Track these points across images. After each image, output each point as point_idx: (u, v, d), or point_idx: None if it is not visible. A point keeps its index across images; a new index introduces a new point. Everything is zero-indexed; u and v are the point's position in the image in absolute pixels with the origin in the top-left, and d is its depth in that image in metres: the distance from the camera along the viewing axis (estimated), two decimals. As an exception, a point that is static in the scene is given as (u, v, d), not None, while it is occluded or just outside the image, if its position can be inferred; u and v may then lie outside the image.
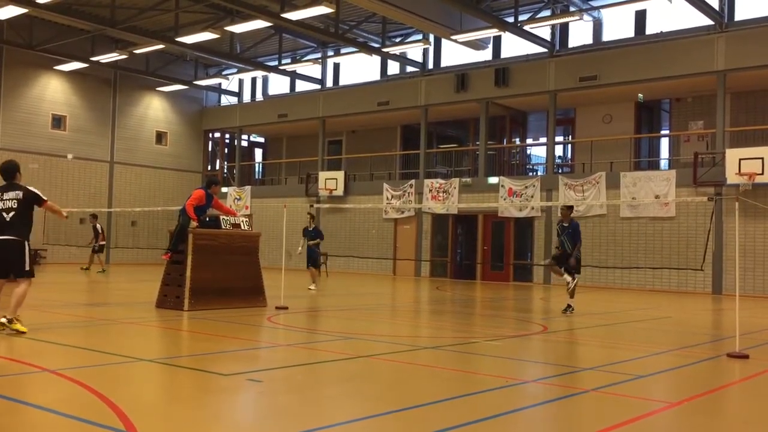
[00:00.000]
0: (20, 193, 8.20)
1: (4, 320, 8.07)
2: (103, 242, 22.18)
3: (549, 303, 15.73)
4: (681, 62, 20.43)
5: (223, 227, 12.00)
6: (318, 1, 18.98)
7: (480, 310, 14.56)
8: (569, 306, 12.78)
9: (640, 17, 22.48)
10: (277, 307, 11.86)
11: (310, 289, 16.52)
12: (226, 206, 12.62)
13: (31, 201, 8.26)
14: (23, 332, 8.01)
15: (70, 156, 24.59)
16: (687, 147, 22.09)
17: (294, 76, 29.67)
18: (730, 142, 20.49)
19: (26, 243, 8.15)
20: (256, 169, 34.67)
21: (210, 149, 33.69)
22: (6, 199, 8.18)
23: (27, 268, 8.19)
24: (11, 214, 8.10)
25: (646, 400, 5.87)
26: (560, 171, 24.68)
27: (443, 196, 24.38)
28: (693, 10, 19.52)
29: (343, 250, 25.64)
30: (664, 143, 24.47)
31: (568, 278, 12.69)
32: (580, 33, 23.64)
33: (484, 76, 24.27)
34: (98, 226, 21.93)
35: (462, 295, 18.25)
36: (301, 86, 30.77)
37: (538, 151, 27.97)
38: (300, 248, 17.20)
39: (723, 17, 20.27)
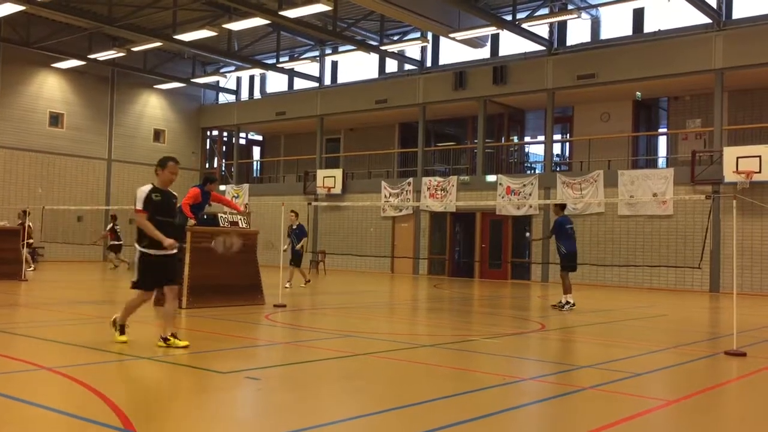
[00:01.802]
0: None
1: (161, 342, 7.43)
2: (115, 242, 22.66)
3: (547, 301, 15.73)
4: (679, 60, 20.44)
5: (221, 225, 11.99)
6: (316, -2, 18.95)
7: (478, 308, 14.57)
8: (568, 302, 12.90)
9: (638, 15, 22.49)
10: (275, 305, 11.85)
11: (286, 287, 15.97)
12: (228, 199, 12.49)
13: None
14: (122, 341, 7.52)
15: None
16: (685, 145, 22.11)
17: (292, 73, 29.65)
18: (728, 140, 20.51)
19: (138, 250, 7.45)
20: (254, 167, 34.64)
21: (208, 147, 33.67)
22: None
23: (134, 278, 7.51)
24: None
25: (644, 398, 5.88)
26: (558, 169, 24.69)
27: (441, 194, 24.38)
28: (691, 8, 19.53)
29: (341, 248, 25.64)
30: (662, 141, 24.50)
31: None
32: (578, 31, 23.66)
33: (482, 74, 24.26)
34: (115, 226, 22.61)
35: (460, 293, 18.26)
36: (299, 84, 30.76)
37: (536, 150, 27.97)
38: (285, 247, 16.44)
39: (721, 15, 20.28)
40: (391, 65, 28.03)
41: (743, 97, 21.39)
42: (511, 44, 24.49)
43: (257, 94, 32.59)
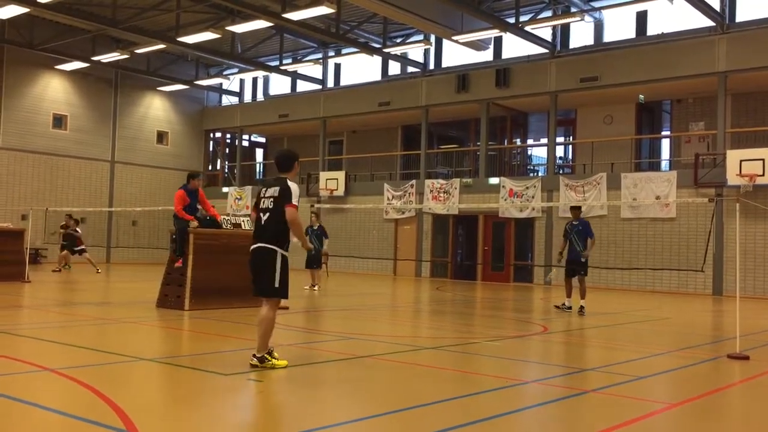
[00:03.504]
0: (277, 189, 6.56)
1: (254, 361, 6.52)
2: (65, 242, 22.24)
3: (549, 303, 15.72)
4: (682, 63, 20.42)
5: (224, 227, 12.00)
6: (319, 1, 18.99)
7: (480, 311, 14.56)
8: (582, 306, 12.93)
9: (642, 18, 22.48)
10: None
11: (313, 289, 16.58)
12: (210, 205, 12.30)
13: (281, 198, 6.52)
14: (282, 366, 6.55)
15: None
16: (688, 148, 22.09)
17: (295, 76, 29.68)
18: (731, 143, 20.49)
19: (279, 253, 6.54)
20: (257, 169, 34.67)
21: (211, 149, 33.71)
22: (266, 197, 6.65)
23: (277, 284, 6.57)
24: (266, 216, 6.58)
25: (647, 401, 5.87)
26: (561, 172, 24.67)
27: (444, 197, 24.38)
28: (694, 11, 19.51)
29: (343, 251, 25.63)
30: (665, 144, 24.46)
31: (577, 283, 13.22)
32: (581, 34, 23.65)
33: (485, 76, 24.27)
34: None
35: (462, 295, 18.25)
36: (302, 86, 30.78)
37: (538, 152, 27.97)
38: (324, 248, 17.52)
39: (724, 18, 20.26)
40: (394, 68, 28.04)
41: (747, 100, 21.36)
42: (514, 47, 24.49)
43: (260, 97, 32.61)
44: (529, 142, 27.59)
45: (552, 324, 11.45)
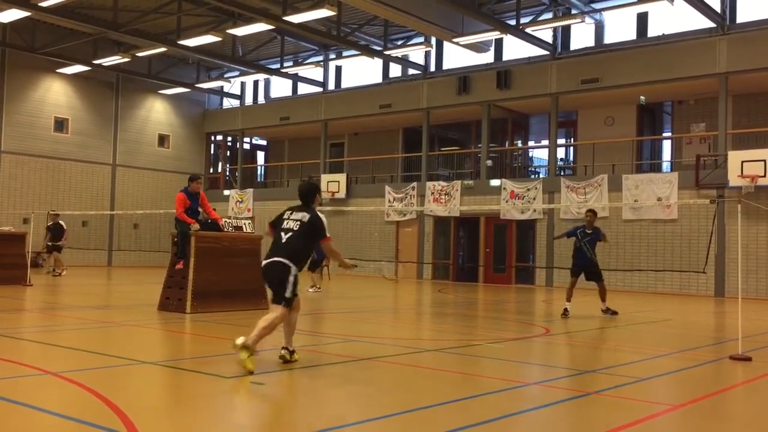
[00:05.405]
0: (307, 216, 7.10)
1: (238, 342, 6.42)
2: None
3: (551, 305, 15.71)
4: (683, 64, 20.42)
5: (226, 230, 12.00)
6: (320, 4, 19.03)
7: (482, 313, 14.55)
8: (608, 309, 13.02)
9: (642, 19, 22.48)
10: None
11: (318, 290, 16.75)
12: (211, 208, 12.29)
13: (311, 227, 7.04)
14: (247, 370, 6.32)
15: None
16: (689, 149, 22.08)
17: (296, 78, 29.71)
18: (733, 144, 20.48)
19: (292, 269, 6.86)
20: (258, 171, 34.69)
21: (212, 152, 33.73)
22: (291, 219, 7.13)
23: (288, 295, 6.83)
24: (288, 235, 7.00)
25: (649, 403, 5.86)
26: (562, 173, 24.66)
27: (445, 199, 24.37)
28: (695, 12, 19.51)
29: (344, 253, 25.47)
30: (666, 146, 24.45)
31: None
32: (581, 35, 23.65)
33: (486, 78, 24.27)
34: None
35: (464, 297, 18.24)
36: (303, 89, 30.81)
37: (540, 154, 27.96)
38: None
39: (725, 19, 20.26)
40: (395, 70, 28.06)
41: (747, 101, 21.35)
42: (515, 49, 24.50)
43: (261, 99, 32.64)
44: (530, 143, 27.59)
45: (554, 326, 11.44)
